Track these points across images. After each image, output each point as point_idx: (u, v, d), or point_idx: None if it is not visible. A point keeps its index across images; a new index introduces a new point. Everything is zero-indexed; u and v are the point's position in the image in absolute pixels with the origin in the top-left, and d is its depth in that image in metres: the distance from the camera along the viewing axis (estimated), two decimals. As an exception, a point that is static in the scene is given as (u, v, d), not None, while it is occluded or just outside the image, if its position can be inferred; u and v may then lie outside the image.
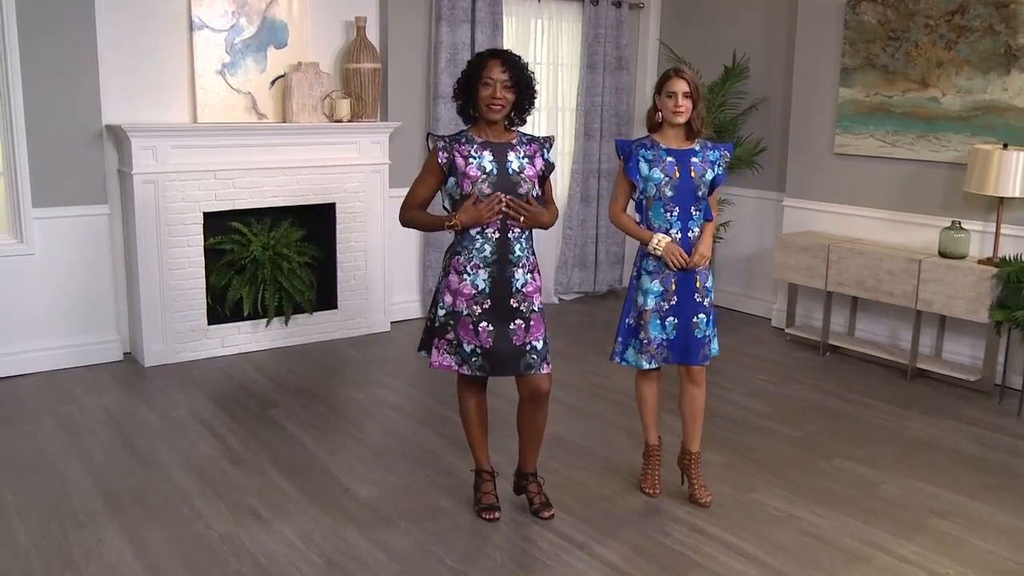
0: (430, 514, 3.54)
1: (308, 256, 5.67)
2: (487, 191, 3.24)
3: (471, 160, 3.26)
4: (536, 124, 6.74)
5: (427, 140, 3.38)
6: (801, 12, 6.04)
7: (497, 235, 3.29)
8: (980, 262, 5.00)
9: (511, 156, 3.30)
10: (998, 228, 4.99)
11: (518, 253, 3.32)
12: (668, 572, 3.15)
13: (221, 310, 5.44)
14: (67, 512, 3.47)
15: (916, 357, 5.31)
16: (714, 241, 6.55)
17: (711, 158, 3.57)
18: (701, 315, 3.58)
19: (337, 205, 5.78)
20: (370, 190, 5.87)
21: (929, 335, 5.48)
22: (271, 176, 5.50)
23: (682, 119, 3.48)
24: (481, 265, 3.29)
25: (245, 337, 5.54)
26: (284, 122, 5.59)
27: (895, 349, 5.54)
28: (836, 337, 5.83)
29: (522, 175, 3.29)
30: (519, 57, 3.32)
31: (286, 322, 5.64)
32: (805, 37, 6.02)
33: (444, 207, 3.37)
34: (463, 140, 3.31)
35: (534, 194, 3.32)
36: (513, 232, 3.30)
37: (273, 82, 5.59)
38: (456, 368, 3.37)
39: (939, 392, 5.12)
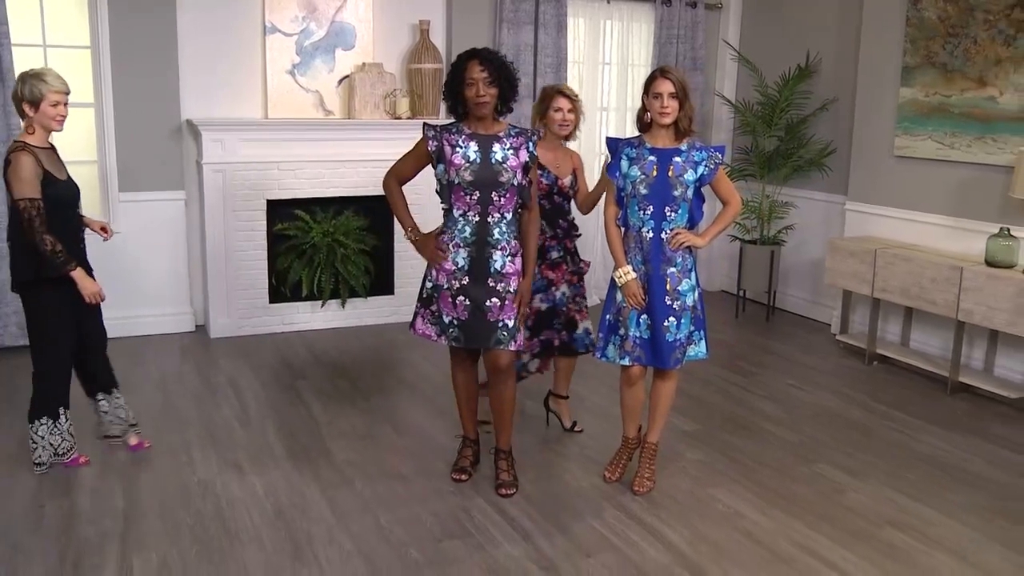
0: (388, 480, 3.81)
1: (365, 244, 6.08)
2: (469, 178, 3.50)
3: (458, 149, 3.53)
4: (604, 124, 6.87)
5: (423, 128, 3.66)
6: (866, 10, 5.83)
7: (477, 219, 3.55)
8: (1025, 272, 4.69)
9: (496, 147, 3.54)
10: (1047, 237, 4.66)
11: (497, 236, 3.56)
12: (579, 550, 3.27)
13: (283, 291, 5.95)
14: (88, 451, 3.99)
15: (958, 371, 5.03)
16: (776, 244, 6.44)
17: (695, 158, 3.58)
18: (671, 319, 3.58)
19: (395, 197, 6.16)
20: (427, 183, 6.16)
21: (981, 348, 5.17)
22: (332, 168, 5.96)
23: (668, 120, 3.53)
24: (461, 244, 3.57)
25: (303, 316, 6.03)
26: (349, 119, 6.03)
27: (944, 362, 5.26)
28: (888, 347, 5.60)
29: (504, 165, 3.52)
30: (496, 53, 3.58)
31: (343, 304, 6.08)
32: (869, 35, 5.81)
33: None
34: (454, 131, 3.58)
35: (515, 182, 3.53)
36: (492, 216, 3.54)
37: (340, 81, 6.05)
38: (436, 338, 3.68)
39: (977, 409, 4.83)
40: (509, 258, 3.58)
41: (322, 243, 5.89)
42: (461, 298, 3.57)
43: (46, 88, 3.51)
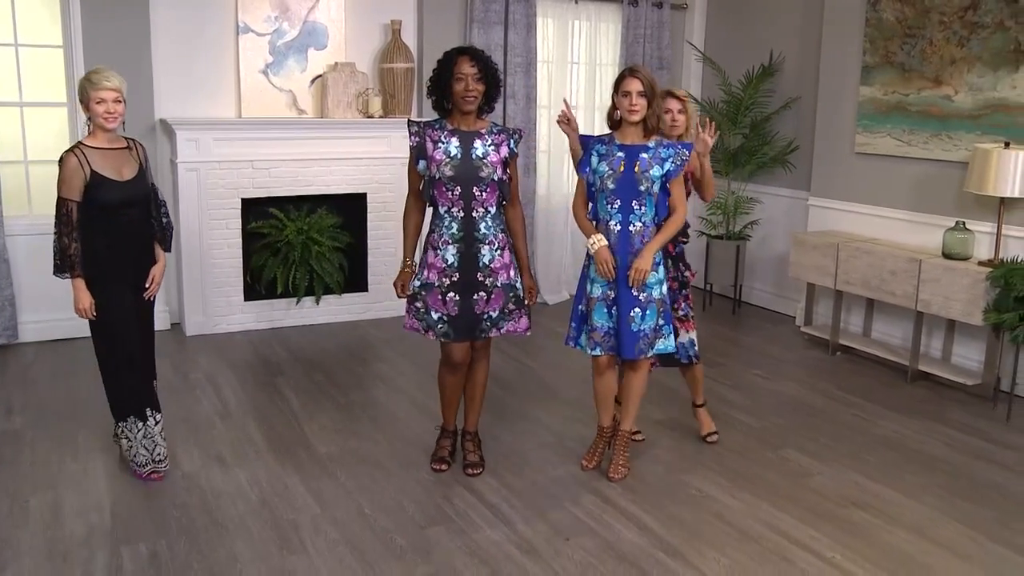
0: (370, 471, 3.90)
1: (339, 242, 6.15)
2: (449, 174, 3.59)
3: (439, 145, 3.63)
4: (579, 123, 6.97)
5: (408, 125, 3.74)
6: (827, 10, 6.01)
7: (462, 214, 3.64)
8: (981, 263, 4.89)
9: (477, 143, 3.64)
10: (999, 229, 4.86)
11: (484, 231, 3.66)
12: (559, 534, 3.39)
13: (258, 288, 6.00)
14: (71, 447, 4.06)
15: (917, 359, 5.23)
16: (741, 239, 6.61)
17: (662, 155, 3.70)
18: (636, 309, 3.70)
19: (368, 195, 6.24)
20: (400, 181, 6.25)
21: (939, 338, 5.38)
22: (306, 167, 6.02)
23: (636, 117, 3.66)
24: (450, 241, 3.66)
25: (278, 314, 6.08)
26: (321, 118, 6.09)
27: (904, 351, 5.45)
28: (851, 338, 5.78)
29: (485, 160, 3.62)
30: (483, 52, 3.70)
31: (317, 302, 6.14)
32: (830, 35, 6.00)
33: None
34: (437, 127, 3.68)
35: (495, 178, 3.63)
36: (477, 212, 3.64)
37: (312, 81, 6.11)
38: (422, 333, 3.75)
39: (936, 395, 5.03)
40: (498, 252, 3.68)
41: (296, 241, 5.94)
42: (452, 295, 3.66)
43: (90, 87, 3.54)
